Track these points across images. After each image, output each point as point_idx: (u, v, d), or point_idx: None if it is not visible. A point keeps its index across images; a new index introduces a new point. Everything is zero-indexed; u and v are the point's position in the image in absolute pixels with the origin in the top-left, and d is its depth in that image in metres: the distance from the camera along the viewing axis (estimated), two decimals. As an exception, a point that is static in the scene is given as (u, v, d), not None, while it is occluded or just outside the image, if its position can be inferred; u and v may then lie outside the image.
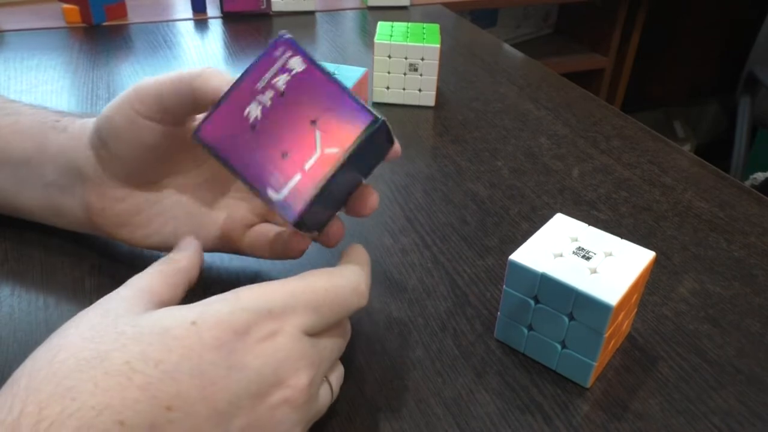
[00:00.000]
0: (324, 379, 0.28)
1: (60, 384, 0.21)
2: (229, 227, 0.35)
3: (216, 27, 0.83)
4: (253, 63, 0.28)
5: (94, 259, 0.40)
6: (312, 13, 0.89)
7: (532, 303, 0.32)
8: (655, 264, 0.41)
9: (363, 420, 0.31)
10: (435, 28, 0.63)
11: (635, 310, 0.35)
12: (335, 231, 0.32)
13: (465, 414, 0.31)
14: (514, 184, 0.50)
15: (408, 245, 0.43)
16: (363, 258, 0.30)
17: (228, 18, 0.86)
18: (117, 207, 0.35)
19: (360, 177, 0.30)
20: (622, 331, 0.34)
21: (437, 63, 0.60)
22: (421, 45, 0.59)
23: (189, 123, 0.33)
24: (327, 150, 0.27)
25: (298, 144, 0.27)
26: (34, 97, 0.61)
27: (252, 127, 0.27)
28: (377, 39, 0.59)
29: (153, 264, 0.29)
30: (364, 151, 0.27)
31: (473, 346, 0.35)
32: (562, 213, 0.35)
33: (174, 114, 0.31)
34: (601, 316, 0.30)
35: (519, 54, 0.78)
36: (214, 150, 0.28)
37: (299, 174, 0.27)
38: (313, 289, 0.26)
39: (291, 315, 0.25)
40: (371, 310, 0.37)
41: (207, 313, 0.24)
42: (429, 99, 0.62)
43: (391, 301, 0.38)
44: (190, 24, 0.84)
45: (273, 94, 0.28)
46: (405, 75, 0.61)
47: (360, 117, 0.27)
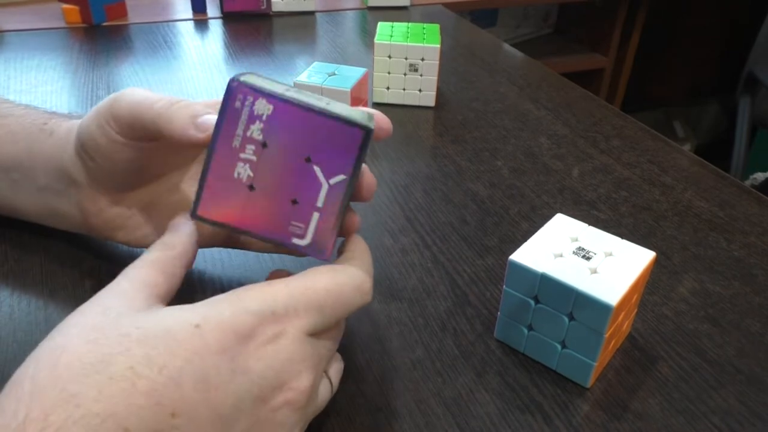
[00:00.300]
0: (323, 375, 0.28)
1: (64, 389, 0.20)
2: None
3: (216, 27, 0.83)
4: (219, 121, 0.26)
5: (93, 260, 0.40)
6: (312, 13, 0.89)
7: (532, 303, 0.32)
8: (655, 264, 0.41)
9: (363, 420, 0.31)
10: (435, 28, 0.63)
11: (635, 310, 0.35)
12: (350, 223, 0.30)
13: (465, 414, 0.31)
14: (514, 183, 0.50)
15: (408, 245, 0.43)
16: (364, 253, 0.29)
17: (228, 18, 0.86)
18: (110, 211, 0.35)
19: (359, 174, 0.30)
20: (622, 331, 0.34)
21: (437, 63, 0.60)
22: (421, 45, 0.59)
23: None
24: (333, 180, 0.27)
25: (302, 187, 0.27)
26: (34, 97, 0.61)
27: (249, 188, 0.27)
28: (377, 39, 0.59)
29: (148, 251, 0.28)
30: (362, 160, 0.27)
31: (473, 346, 0.35)
32: (562, 213, 0.35)
33: (148, 136, 0.31)
34: (602, 316, 0.30)
35: (519, 54, 0.78)
36: (221, 224, 0.27)
37: (316, 213, 0.27)
38: (316, 290, 0.26)
39: (294, 316, 0.25)
40: (371, 310, 0.37)
41: (210, 316, 0.24)
42: (429, 99, 0.62)
43: (391, 301, 0.38)
44: (190, 24, 0.84)
45: (254, 147, 0.26)
46: (405, 75, 0.61)
47: (350, 135, 0.26)
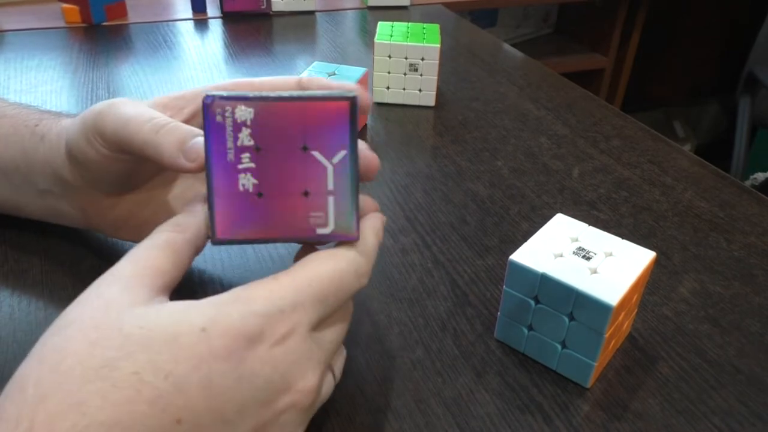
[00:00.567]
0: (328, 370, 0.27)
1: (69, 395, 0.20)
2: None
3: (216, 27, 0.83)
4: (207, 141, 0.26)
5: (94, 260, 0.40)
6: (312, 13, 0.89)
7: (532, 303, 0.32)
8: (656, 264, 0.41)
9: (363, 420, 0.31)
10: (435, 28, 0.63)
11: (635, 310, 0.35)
12: (364, 205, 0.29)
13: (465, 414, 0.31)
14: (514, 184, 0.50)
15: (408, 245, 0.43)
16: (369, 234, 0.28)
17: (228, 18, 0.86)
18: (110, 214, 0.35)
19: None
20: (622, 331, 0.34)
21: (437, 63, 0.60)
22: (421, 45, 0.59)
23: None
24: (335, 159, 0.26)
25: (308, 176, 0.26)
26: (34, 97, 0.61)
27: (258, 195, 0.26)
28: (377, 39, 0.59)
29: (157, 230, 0.27)
30: (356, 132, 0.26)
31: (473, 346, 0.35)
32: (562, 213, 0.35)
33: (136, 158, 0.30)
34: (602, 316, 0.30)
35: (519, 54, 0.78)
36: (243, 240, 0.27)
37: (330, 197, 0.27)
38: (320, 280, 0.25)
39: (301, 312, 0.24)
40: (371, 310, 0.37)
41: (218, 319, 0.23)
42: (429, 99, 0.62)
43: (391, 301, 0.38)
44: (190, 24, 0.84)
45: (249, 155, 0.26)
46: (405, 75, 0.61)
47: (336, 110, 0.26)
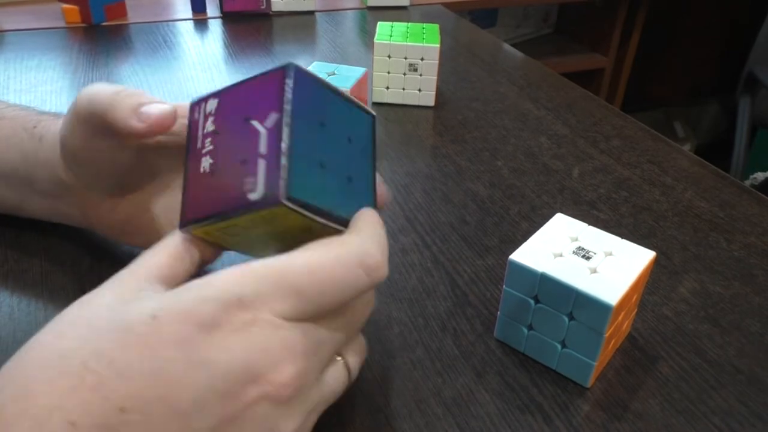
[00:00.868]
0: (336, 360, 0.26)
1: (23, 384, 0.20)
2: None
3: (216, 27, 0.83)
4: (187, 139, 0.27)
5: (94, 259, 0.40)
6: (312, 13, 0.89)
7: (532, 303, 0.32)
8: (655, 264, 0.41)
9: (363, 420, 0.31)
10: (435, 28, 0.63)
11: (635, 310, 0.35)
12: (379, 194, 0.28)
13: (465, 414, 0.31)
14: (514, 183, 0.50)
15: (408, 245, 0.43)
16: (371, 224, 0.26)
17: (228, 18, 0.86)
18: (109, 217, 0.35)
19: (343, 139, 0.27)
20: (622, 331, 0.34)
21: (437, 63, 0.60)
22: (421, 45, 0.59)
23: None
24: (267, 122, 0.25)
25: (245, 143, 0.25)
26: (33, 97, 0.61)
27: (211, 173, 0.26)
28: (377, 39, 0.59)
29: (167, 236, 0.27)
30: (304, 99, 0.25)
31: (473, 346, 0.35)
32: (562, 213, 0.35)
33: (105, 131, 0.30)
34: (602, 316, 0.30)
35: (519, 54, 0.78)
36: (202, 220, 0.26)
37: (262, 160, 0.25)
38: (294, 270, 0.23)
39: (268, 302, 0.23)
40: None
41: (169, 306, 0.22)
42: (429, 99, 0.62)
43: (391, 301, 0.38)
44: (189, 24, 0.84)
45: (210, 138, 0.27)
46: (405, 75, 0.61)
47: (271, 79, 0.26)
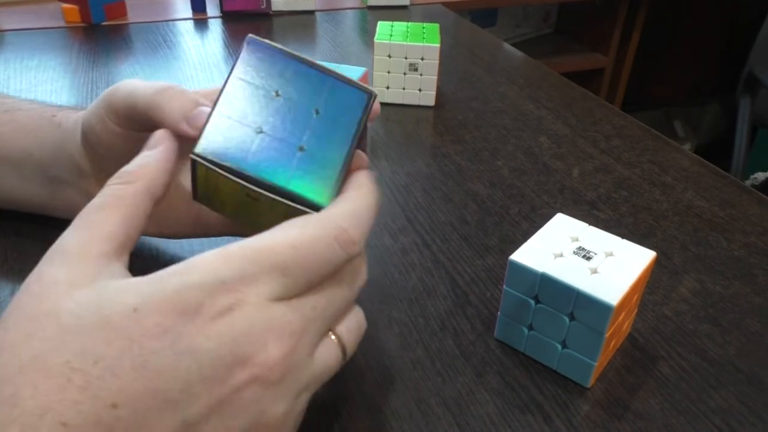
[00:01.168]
0: (327, 336, 0.25)
1: (4, 390, 0.20)
2: None
3: (216, 27, 0.83)
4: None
5: (93, 259, 0.40)
6: (312, 13, 0.89)
7: (532, 303, 0.32)
8: (656, 264, 0.41)
9: (363, 420, 0.31)
10: (435, 27, 0.63)
11: (635, 310, 0.35)
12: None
13: (465, 414, 0.31)
14: (514, 183, 0.50)
15: (408, 245, 0.43)
16: (357, 196, 0.25)
17: (228, 18, 0.86)
18: None
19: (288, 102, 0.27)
20: (622, 331, 0.34)
21: (437, 63, 0.60)
22: (421, 45, 0.59)
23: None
24: (231, 75, 0.26)
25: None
26: (33, 97, 0.61)
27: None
28: (377, 39, 0.59)
29: (105, 186, 0.25)
30: (253, 67, 0.26)
31: (473, 345, 0.35)
32: (562, 213, 0.35)
33: (143, 126, 0.30)
34: (602, 316, 0.30)
35: (519, 54, 0.78)
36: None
37: (210, 111, 0.26)
38: (276, 249, 0.23)
39: (251, 283, 0.22)
40: (371, 310, 0.37)
41: (151, 296, 0.21)
42: (429, 99, 0.62)
43: (391, 301, 0.38)
44: (189, 24, 0.84)
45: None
46: (405, 75, 0.61)
47: (245, 42, 0.27)
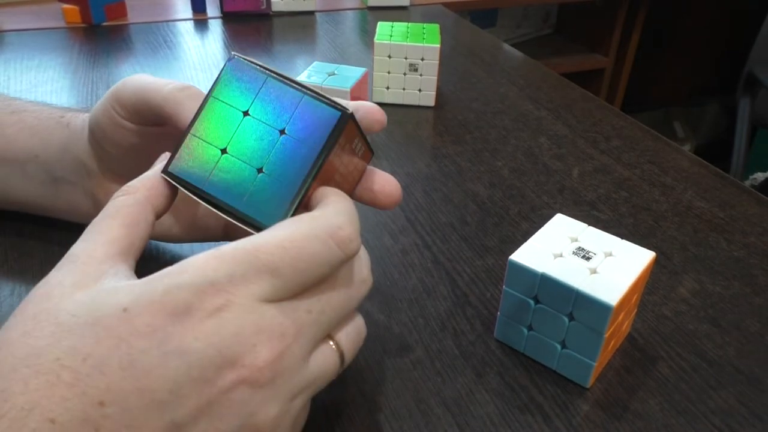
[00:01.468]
0: (325, 342, 0.25)
1: None
2: None
3: (216, 27, 0.83)
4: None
5: (94, 259, 0.40)
6: (312, 13, 0.89)
7: (532, 303, 0.32)
8: (655, 264, 0.41)
9: (363, 420, 0.31)
10: (435, 28, 0.63)
11: (635, 310, 0.35)
12: (381, 183, 0.28)
13: (465, 414, 0.31)
14: (514, 184, 0.50)
15: (408, 245, 0.43)
16: (338, 200, 0.26)
17: (228, 18, 0.86)
18: None
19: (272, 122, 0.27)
20: (622, 332, 0.34)
21: (437, 63, 0.60)
22: (421, 45, 0.59)
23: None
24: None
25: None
26: (34, 97, 0.61)
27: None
28: (377, 39, 0.59)
29: (111, 199, 0.27)
30: (231, 87, 0.27)
31: (473, 346, 0.35)
32: (562, 213, 0.35)
33: (153, 120, 0.31)
34: (601, 316, 0.30)
35: (519, 54, 0.78)
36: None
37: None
38: (268, 250, 0.23)
39: (240, 284, 0.22)
40: (371, 310, 0.37)
41: (141, 297, 0.22)
42: (429, 99, 0.62)
43: (391, 301, 0.38)
44: (190, 24, 0.84)
45: None
46: (405, 75, 0.61)
47: (227, 61, 0.27)
